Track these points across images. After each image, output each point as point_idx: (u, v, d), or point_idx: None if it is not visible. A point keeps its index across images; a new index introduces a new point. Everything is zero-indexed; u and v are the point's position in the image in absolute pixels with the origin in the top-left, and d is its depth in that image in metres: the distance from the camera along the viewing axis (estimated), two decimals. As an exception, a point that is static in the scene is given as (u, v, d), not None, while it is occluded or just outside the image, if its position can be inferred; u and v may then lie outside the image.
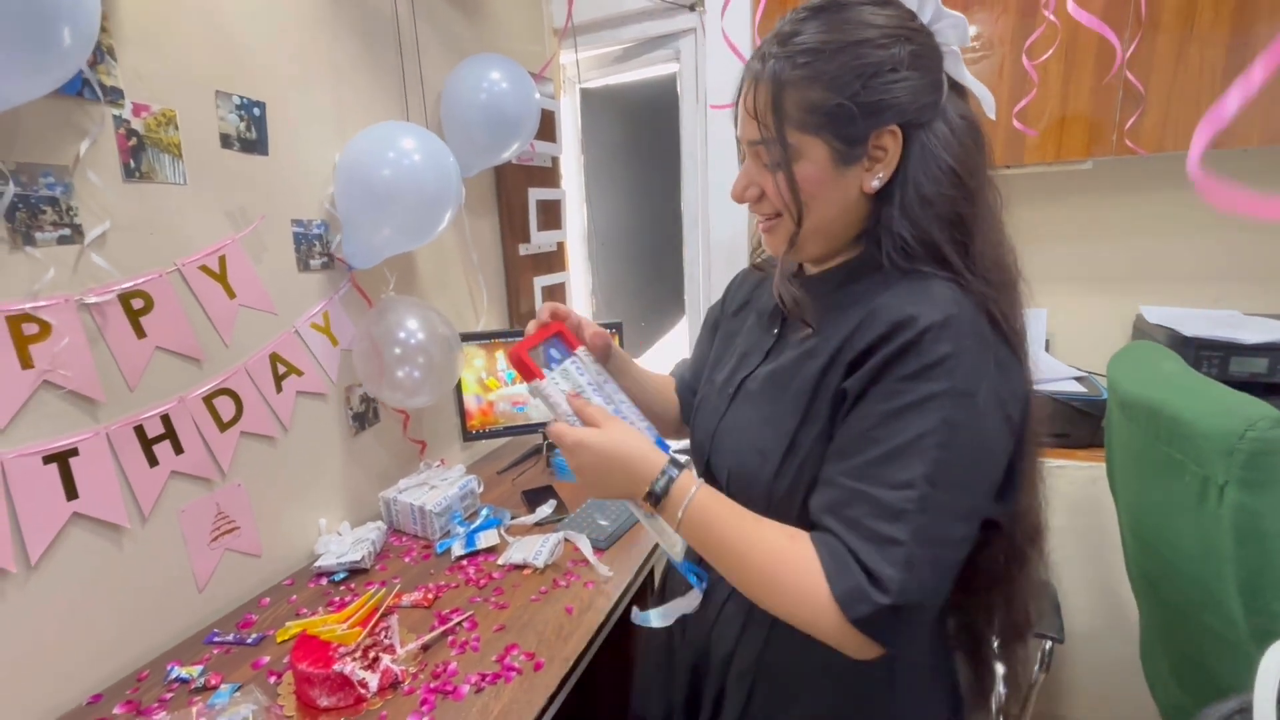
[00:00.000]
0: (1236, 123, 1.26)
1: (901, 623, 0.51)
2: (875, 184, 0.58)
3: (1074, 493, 1.44)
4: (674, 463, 0.59)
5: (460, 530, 1.24)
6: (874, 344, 0.54)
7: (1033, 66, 1.36)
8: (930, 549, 0.51)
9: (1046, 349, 1.71)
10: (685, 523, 0.57)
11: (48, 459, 0.83)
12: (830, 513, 0.55)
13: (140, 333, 0.93)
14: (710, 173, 1.82)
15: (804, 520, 0.58)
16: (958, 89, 0.60)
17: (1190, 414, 0.86)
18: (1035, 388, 0.61)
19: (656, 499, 0.58)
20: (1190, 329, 1.36)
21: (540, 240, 1.88)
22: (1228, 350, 1.31)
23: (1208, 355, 1.32)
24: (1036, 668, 1.10)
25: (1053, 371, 1.55)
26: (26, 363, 0.80)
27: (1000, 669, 1.12)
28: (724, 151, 1.78)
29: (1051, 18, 1.30)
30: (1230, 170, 1.52)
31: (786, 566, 0.54)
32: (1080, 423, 1.45)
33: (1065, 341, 1.74)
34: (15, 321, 0.79)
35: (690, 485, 0.58)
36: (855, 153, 0.57)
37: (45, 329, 0.82)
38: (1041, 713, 1.56)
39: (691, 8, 1.76)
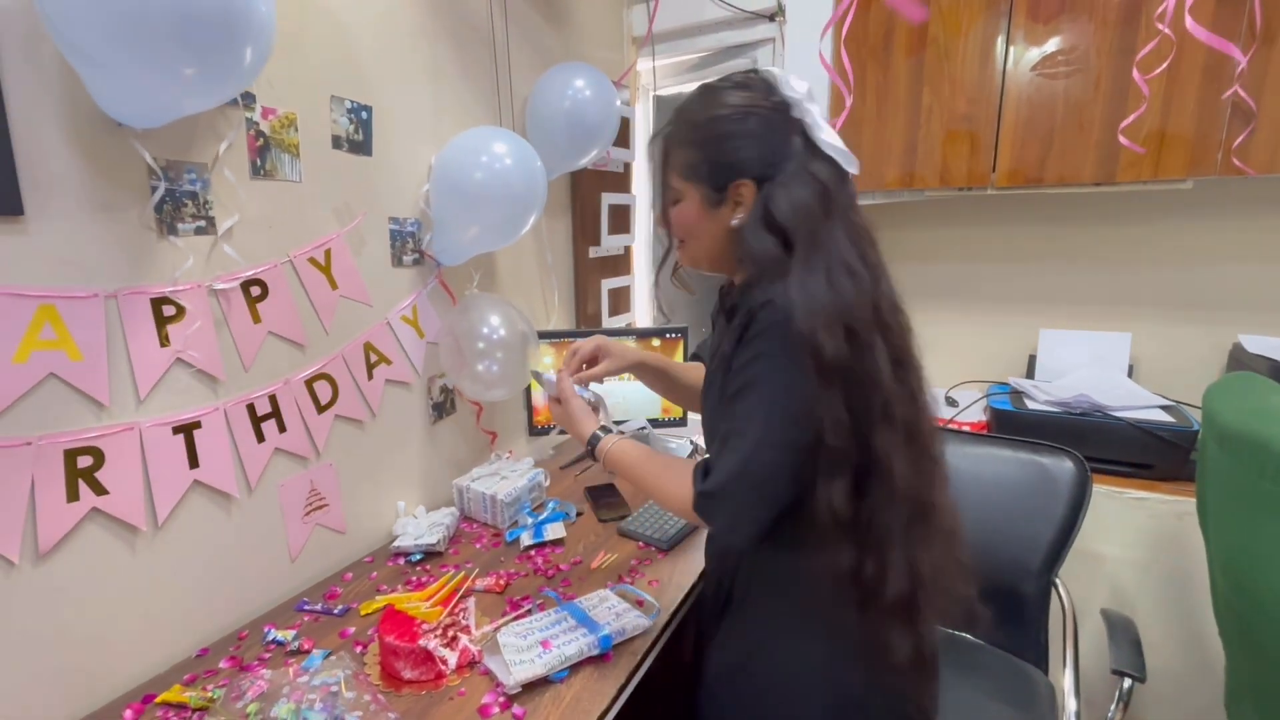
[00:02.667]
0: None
1: (716, 507, 0.76)
2: (735, 222, 0.77)
3: (1156, 527, 1.38)
4: (603, 428, 0.94)
5: (529, 521, 1.29)
6: (740, 322, 0.73)
7: (1144, 80, 1.31)
8: (743, 468, 0.72)
9: (1130, 375, 1.64)
10: (607, 461, 0.91)
11: (176, 429, 0.91)
12: (709, 433, 0.84)
13: (256, 318, 1.01)
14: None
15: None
16: (813, 149, 0.75)
17: (1302, 451, 0.82)
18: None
19: (592, 447, 0.93)
20: (1296, 361, 1.28)
21: (610, 244, 1.92)
22: (1339, 386, 1.22)
23: (1315, 390, 1.24)
24: (1113, 705, 1.06)
25: (1137, 398, 1.49)
26: (164, 341, 0.89)
27: (1072, 705, 1.10)
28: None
29: (1165, 30, 1.25)
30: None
31: (667, 479, 0.83)
32: (1167, 453, 1.39)
33: (1151, 368, 1.67)
34: (157, 304, 0.88)
35: (609, 441, 0.92)
36: (720, 197, 0.78)
37: (181, 312, 0.90)
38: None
39: (771, 18, 1.76)
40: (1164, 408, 1.47)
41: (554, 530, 1.26)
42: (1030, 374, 1.75)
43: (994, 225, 1.81)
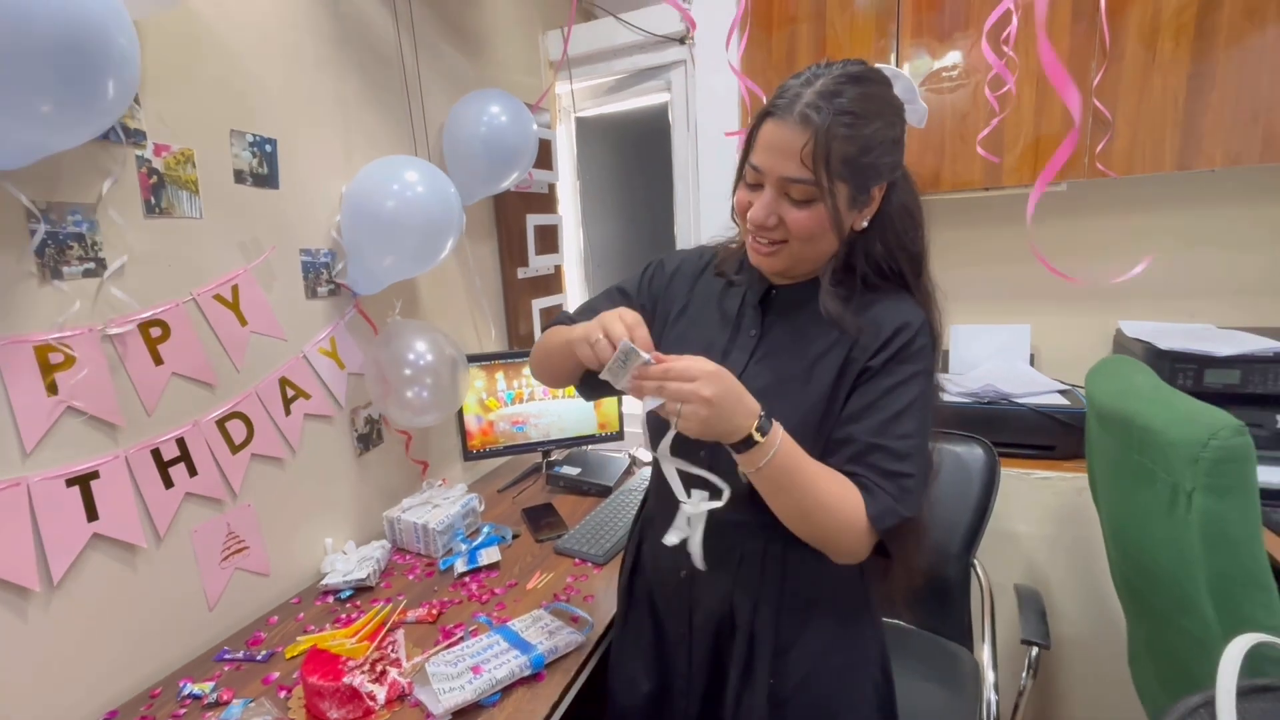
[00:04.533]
0: (1202, 144, 1.34)
1: (903, 533, 0.71)
2: (864, 224, 0.74)
3: (1059, 503, 1.48)
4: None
5: (463, 547, 1.28)
6: (886, 340, 0.73)
7: (994, 97, 1.43)
8: (923, 480, 0.72)
9: (1031, 363, 1.76)
10: (779, 456, 0.67)
11: (70, 481, 0.87)
12: (854, 461, 0.72)
13: (158, 359, 0.97)
14: (701, 196, 1.89)
15: None
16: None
17: (1159, 423, 0.90)
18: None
19: (764, 431, 0.66)
20: (1166, 343, 1.41)
21: (538, 264, 1.94)
22: (1202, 363, 1.35)
23: (1183, 368, 1.37)
24: (1025, 674, 1.13)
25: (1037, 384, 1.60)
26: (52, 390, 0.85)
27: (991, 676, 1.16)
28: (714, 176, 1.84)
29: (1010, 53, 1.38)
30: (1195, 190, 1.58)
31: (842, 503, 0.69)
32: (1064, 434, 1.50)
33: (1049, 355, 1.80)
34: (43, 351, 0.84)
35: (779, 428, 0.68)
36: (862, 199, 0.71)
37: (69, 359, 0.86)
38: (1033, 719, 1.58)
39: (681, 41, 1.83)
40: (1062, 392, 1.58)
41: (489, 555, 1.26)
42: (945, 368, 1.85)
43: (902, 230, 1.91)
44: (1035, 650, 1.13)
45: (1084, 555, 1.47)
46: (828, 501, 0.69)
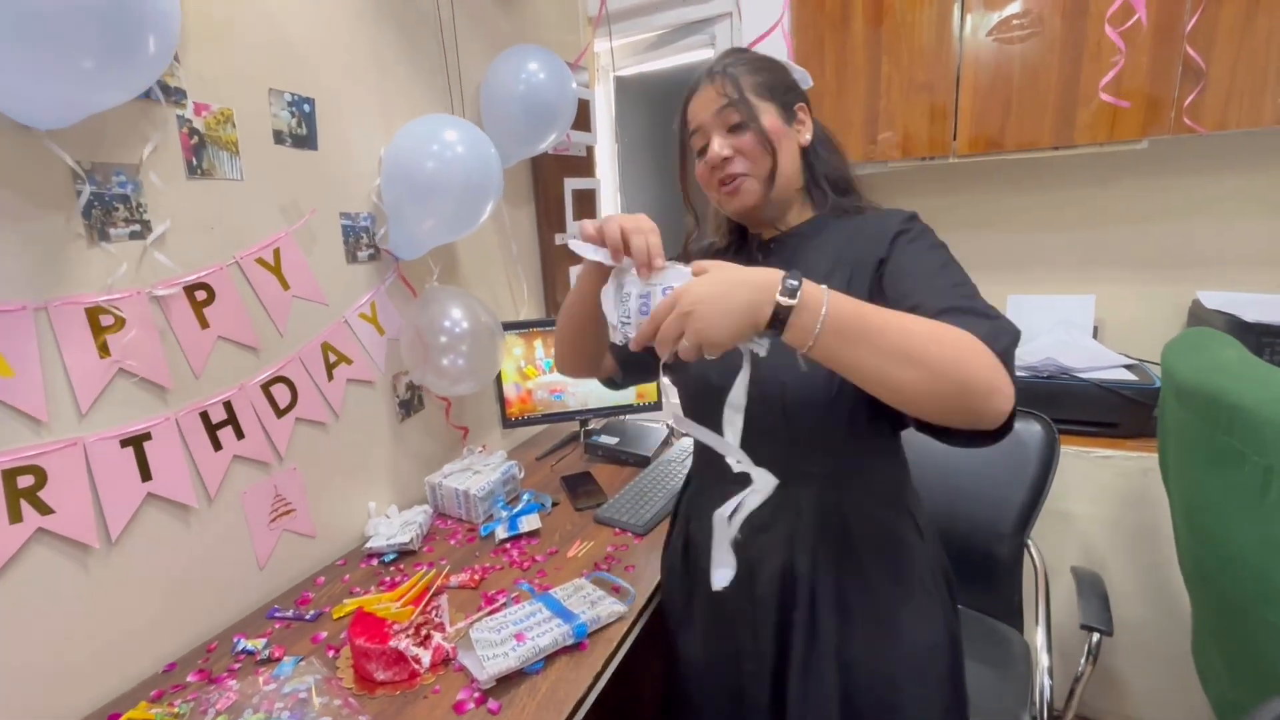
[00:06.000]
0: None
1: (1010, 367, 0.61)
2: (807, 138, 0.82)
3: (1123, 484, 1.41)
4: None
5: (503, 514, 1.28)
6: (893, 234, 0.74)
7: (1116, 34, 1.29)
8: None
9: (1095, 336, 1.66)
10: (833, 312, 0.56)
11: (124, 442, 0.88)
12: (925, 315, 0.61)
13: (204, 323, 0.98)
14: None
15: (853, 424, 0.75)
16: None
17: (1252, 401, 0.83)
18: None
19: (793, 293, 0.56)
20: (1252, 314, 1.31)
21: (575, 229, 1.89)
22: (1293, 337, 1.25)
23: (1271, 342, 1.27)
24: (1083, 660, 1.08)
25: (1101, 359, 1.51)
26: (104, 351, 0.85)
27: (1045, 660, 1.12)
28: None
29: None
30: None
31: (939, 328, 0.58)
32: (1130, 411, 1.41)
33: (1115, 328, 1.69)
34: (93, 314, 0.84)
35: (819, 285, 0.58)
36: (789, 115, 0.81)
37: (119, 320, 0.87)
38: (1090, 706, 1.54)
39: (727, -8, 1.74)
40: (1128, 367, 1.49)
41: (529, 522, 1.25)
42: (999, 340, 1.76)
43: (957, 194, 1.81)
44: (1096, 636, 1.08)
45: (1146, 539, 1.40)
46: (925, 332, 0.57)
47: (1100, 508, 1.44)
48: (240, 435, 1.03)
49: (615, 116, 2.12)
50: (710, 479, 0.88)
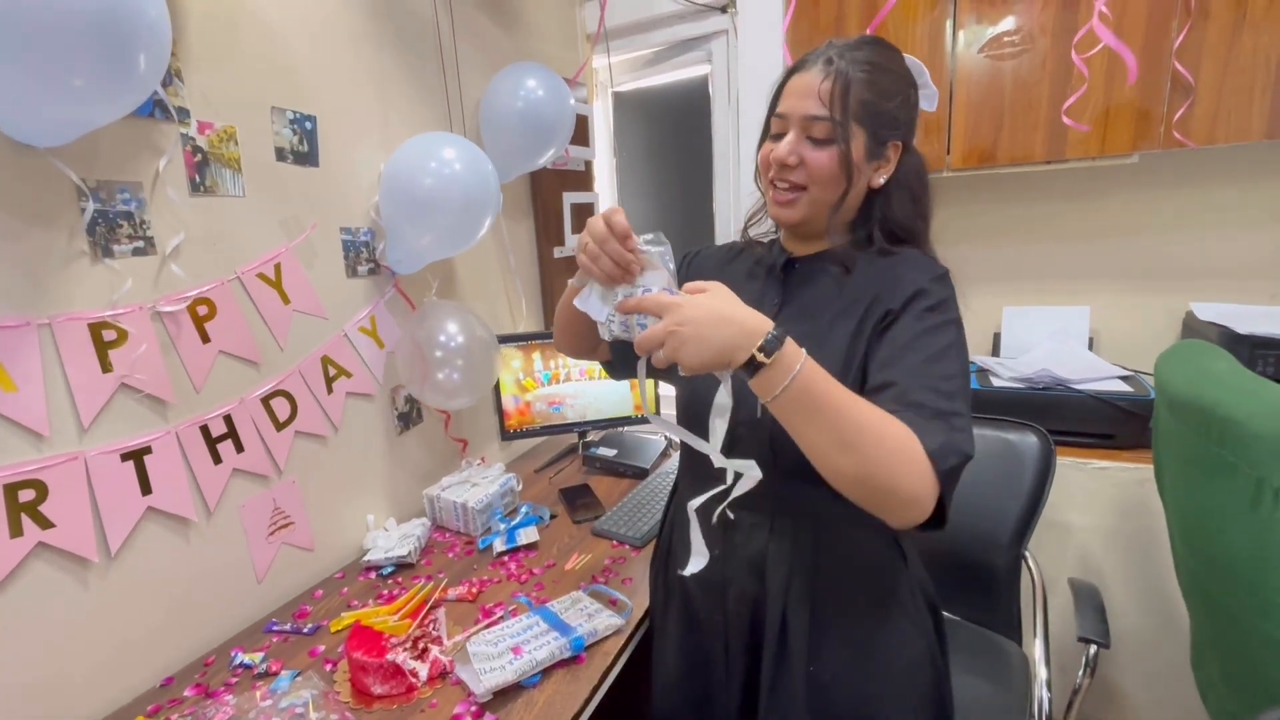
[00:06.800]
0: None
1: (952, 481, 0.62)
2: (881, 180, 0.77)
3: (1119, 495, 1.41)
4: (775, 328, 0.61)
5: (501, 527, 1.28)
6: (910, 292, 0.71)
7: (1081, 60, 1.32)
8: (970, 420, 0.65)
9: (1090, 347, 1.67)
10: (799, 381, 0.58)
11: (125, 456, 0.89)
12: (896, 401, 0.64)
13: (205, 338, 0.99)
14: (742, 173, 1.83)
15: None
16: None
17: (1243, 414, 0.84)
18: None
19: (769, 352, 0.58)
20: (1244, 326, 1.32)
21: (574, 243, 1.91)
22: (1285, 348, 1.26)
23: (1263, 354, 1.28)
24: (1081, 673, 1.08)
25: (1097, 370, 1.52)
26: (106, 367, 0.86)
27: (1043, 673, 1.12)
28: (755, 150, 1.78)
29: (1103, 8, 1.27)
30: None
31: (891, 427, 0.60)
32: (1126, 423, 1.42)
33: (1110, 339, 1.70)
34: (96, 329, 0.85)
35: (799, 349, 0.60)
36: (877, 151, 0.75)
37: (123, 335, 0.88)
38: (1088, 719, 1.53)
39: (723, 9, 1.76)
40: (1123, 378, 1.50)
41: (527, 535, 1.26)
42: (995, 351, 1.77)
43: (952, 206, 1.83)
44: (1093, 649, 1.08)
45: (1143, 549, 1.40)
46: (874, 428, 0.59)
47: (1097, 519, 1.44)
48: (240, 449, 1.04)
49: (613, 131, 2.14)
50: (691, 483, 0.87)
